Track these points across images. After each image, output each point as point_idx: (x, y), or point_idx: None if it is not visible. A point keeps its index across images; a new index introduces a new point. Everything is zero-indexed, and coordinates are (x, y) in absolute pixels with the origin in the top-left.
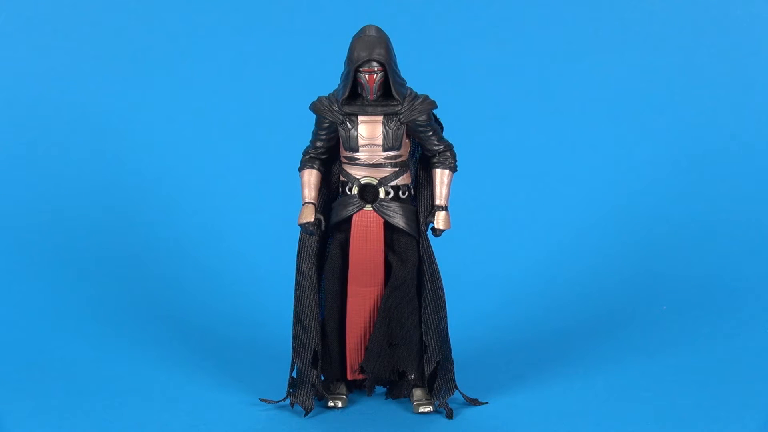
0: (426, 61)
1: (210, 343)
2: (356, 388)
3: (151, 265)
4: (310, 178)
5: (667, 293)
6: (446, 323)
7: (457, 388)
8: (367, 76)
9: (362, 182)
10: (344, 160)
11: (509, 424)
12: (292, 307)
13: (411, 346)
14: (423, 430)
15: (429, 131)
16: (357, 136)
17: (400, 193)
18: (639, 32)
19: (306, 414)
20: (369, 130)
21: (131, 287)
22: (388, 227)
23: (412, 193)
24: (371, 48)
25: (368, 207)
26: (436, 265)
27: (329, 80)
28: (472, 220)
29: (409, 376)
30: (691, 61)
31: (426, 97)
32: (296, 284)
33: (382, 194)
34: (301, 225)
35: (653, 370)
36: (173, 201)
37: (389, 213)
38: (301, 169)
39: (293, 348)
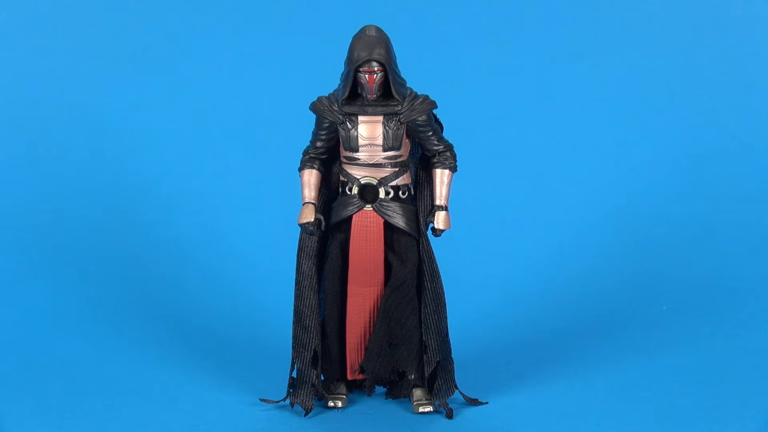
0: (426, 61)
1: (210, 343)
2: (356, 388)
3: (151, 265)
4: (310, 178)
5: (667, 293)
6: (446, 323)
7: (457, 388)
8: (367, 76)
9: (362, 182)
10: (344, 160)
11: (509, 424)
12: (292, 307)
13: (411, 346)
14: (423, 430)
15: (429, 131)
16: (357, 136)
17: (400, 193)
18: (639, 32)
19: (306, 414)
20: (369, 130)
21: (131, 287)
22: (388, 227)
23: (412, 193)
24: (371, 48)
25: (368, 207)
26: (436, 265)
27: (329, 80)
28: (472, 220)
29: (409, 376)
30: (691, 61)
31: (426, 97)
32: (296, 284)
33: (382, 194)
34: (301, 225)
35: (653, 370)
36: (173, 201)
37: (389, 213)
38: (301, 169)
39: (293, 348)
